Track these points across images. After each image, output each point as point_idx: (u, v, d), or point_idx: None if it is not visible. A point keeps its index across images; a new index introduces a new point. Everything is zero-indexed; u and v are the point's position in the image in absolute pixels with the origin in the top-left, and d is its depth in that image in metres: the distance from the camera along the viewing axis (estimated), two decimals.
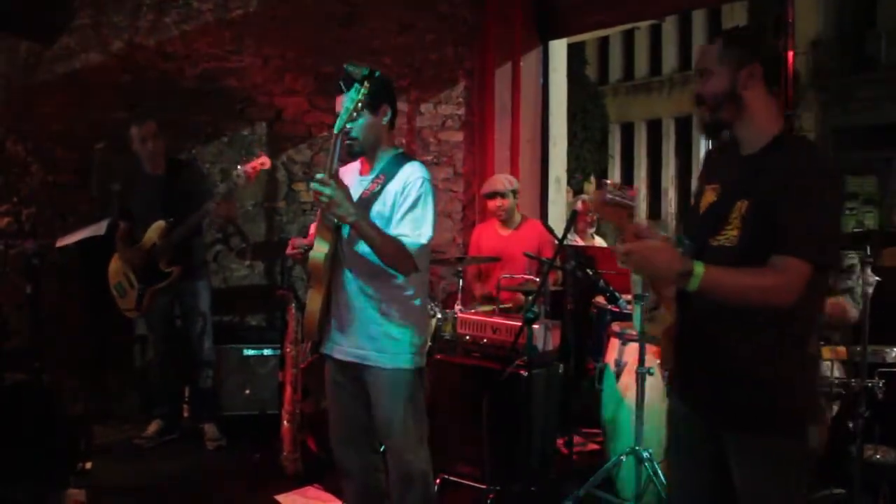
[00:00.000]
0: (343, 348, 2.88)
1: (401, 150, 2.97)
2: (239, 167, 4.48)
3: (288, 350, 4.42)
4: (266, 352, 5.13)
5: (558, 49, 6.33)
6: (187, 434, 4.94)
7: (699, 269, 2.02)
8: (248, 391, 5.09)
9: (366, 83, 2.66)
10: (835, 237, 2.15)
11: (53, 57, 5.25)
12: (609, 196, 2.21)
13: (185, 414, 5.11)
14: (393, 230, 2.74)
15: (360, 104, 2.66)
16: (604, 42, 25.92)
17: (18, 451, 3.79)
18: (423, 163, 2.91)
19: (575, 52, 14.13)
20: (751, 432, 2.17)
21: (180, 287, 4.78)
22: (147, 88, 5.40)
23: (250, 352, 5.14)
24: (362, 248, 2.78)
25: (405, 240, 2.72)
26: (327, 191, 2.57)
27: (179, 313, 4.91)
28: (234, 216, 4.96)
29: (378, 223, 2.72)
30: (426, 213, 2.77)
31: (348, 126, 2.70)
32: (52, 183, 5.30)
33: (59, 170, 5.29)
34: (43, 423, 3.96)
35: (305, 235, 3.01)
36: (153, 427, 4.89)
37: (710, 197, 2.29)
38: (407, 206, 2.75)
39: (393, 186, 2.80)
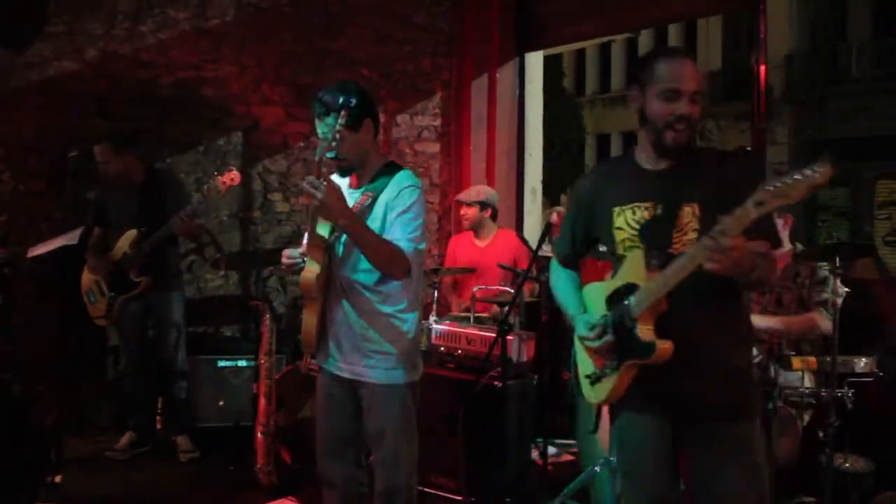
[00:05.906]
0: (339, 364, 2.89)
1: (390, 160, 2.95)
2: (212, 180, 4.49)
3: (262, 361, 4.40)
4: (240, 363, 5.10)
5: (534, 61, 6.38)
6: (160, 446, 4.89)
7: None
8: (221, 403, 5.05)
9: (342, 112, 2.66)
10: None
11: (27, 64, 5.19)
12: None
13: (159, 426, 5.05)
14: (386, 236, 2.74)
15: (338, 134, 2.65)
16: (580, 54, 26.05)
17: None
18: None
19: (552, 64, 14.21)
20: (725, 422, 2.33)
21: (153, 297, 4.75)
22: (122, 97, 5.36)
23: (224, 363, 5.10)
24: (353, 267, 2.79)
25: (399, 243, 2.72)
26: (318, 194, 2.57)
27: (153, 324, 4.87)
28: (199, 236, 4.94)
29: None
30: (418, 219, 2.78)
31: (330, 153, 2.69)
32: (24, 191, 5.23)
33: (31, 178, 5.23)
34: (13, 434, 3.90)
35: (283, 247, 2.99)
36: (125, 439, 4.84)
37: (638, 214, 2.38)
38: (398, 211, 2.75)
39: (383, 198, 2.79)
